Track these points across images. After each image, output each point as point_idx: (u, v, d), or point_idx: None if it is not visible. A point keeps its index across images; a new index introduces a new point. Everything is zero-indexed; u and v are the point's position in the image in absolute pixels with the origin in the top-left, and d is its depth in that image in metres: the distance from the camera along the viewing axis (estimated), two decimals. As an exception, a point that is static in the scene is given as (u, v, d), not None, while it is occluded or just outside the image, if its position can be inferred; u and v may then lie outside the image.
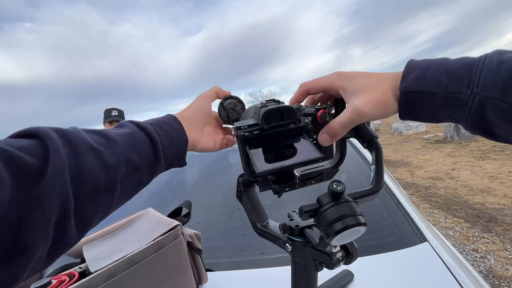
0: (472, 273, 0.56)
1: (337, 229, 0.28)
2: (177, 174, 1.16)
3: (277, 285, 0.52)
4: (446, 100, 0.27)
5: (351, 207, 0.29)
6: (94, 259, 0.43)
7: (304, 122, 0.33)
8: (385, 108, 0.30)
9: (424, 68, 0.29)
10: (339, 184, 0.30)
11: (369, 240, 0.63)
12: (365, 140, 0.34)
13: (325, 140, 0.33)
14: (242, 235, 0.70)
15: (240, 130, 0.32)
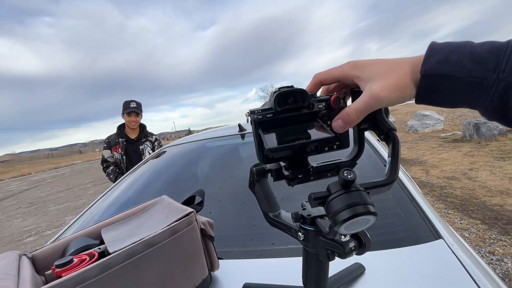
0: (488, 272, 0.55)
1: (345, 217, 0.28)
2: (189, 166, 1.18)
3: (288, 275, 0.52)
4: (469, 85, 0.26)
5: (361, 196, 0.29)
6: (112, 241, 0.44)
7: (318, 108, 0.33)
8: (403, 92, 0.30)
9: (447, 51, 0.28)
10: (350, 172, 0.29)
11: (382, 235, 0.62)
12: (382, 132, 0.33)
13: (340, 126, 0.32)
14: (253, 225, 0.71)
15: (254, 114, 0.32)
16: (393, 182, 0.32)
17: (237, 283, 0.52)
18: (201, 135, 1.50)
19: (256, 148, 0.34)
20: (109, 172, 2.33)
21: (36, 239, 4.37)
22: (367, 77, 0.31)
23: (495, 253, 2.05)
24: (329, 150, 0.34)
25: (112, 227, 0.51)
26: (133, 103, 2.40)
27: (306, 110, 0.32)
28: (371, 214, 0.28)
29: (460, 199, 3.08)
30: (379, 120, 0.33)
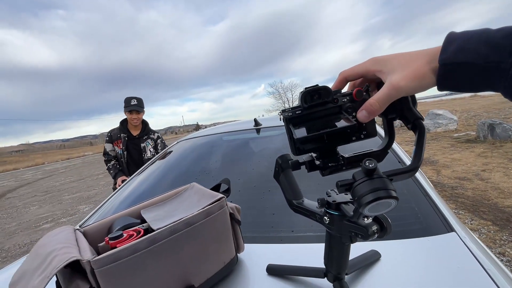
0: (499, 264, 0.57)
1: (369, 200, 0.31)
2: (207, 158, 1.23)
3: (308, 258, 0.57)
4: (486, 70, 0.28)
5: (383, 182, 0.32)
6: (153, 220, 0.50)
7: (342, 102, 0.36)
8: (421, 81, 0.32)
9: (464, 39, 0.30)
10: (371, 162, 0.33)
11: (397, 226, 0.65)
12: (409, 121, 0.36)
13: (364, 116, 0.35)
14: (273, 214, 0.75)
15: (285, 112, 0.36)
16: (417, 169, 0.35)
17: (260, 264, 0.57)
18: (218, 128, 1.55)
19: (289, 141, 0.38)
20: (109, 167, 2.37)
21: (52, 226, 4.56)
22: (388, 70, 0.34)
23: (505, 254, 2.05)
24: (357, 140, 0.37)
25: (150, 209, 0.56)
26: (133, 100, 2.39)
27: (331, 104, 0.36)
28: (393, 198, 0.32)
29: (472, 200, 3.05)
30: (406, 109, 0.36)
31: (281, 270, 0.54)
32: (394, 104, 0.35)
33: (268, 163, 1.01)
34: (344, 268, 0.46)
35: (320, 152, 0.38)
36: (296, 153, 0.38)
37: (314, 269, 0.50)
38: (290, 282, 0.52)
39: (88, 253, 0.40)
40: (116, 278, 0.38)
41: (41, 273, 0.36)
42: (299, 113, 0.36)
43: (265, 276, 0.54)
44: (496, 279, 0.49)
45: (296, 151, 0.37)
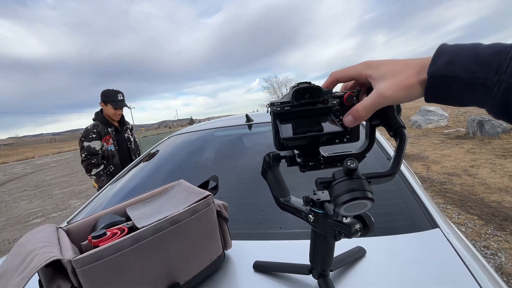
0: (480, 260, 0.59)
1: (345, 200, 0.32)
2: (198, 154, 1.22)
3: (295, 255, 0.57)
4: (472, 86, 0.28)
5: (360, 183, 0.33)
6: (138, 218, 0.49)
7: (332, 104, 0.36)
8: (408, 92, 0.32)
9: (454, 53, 0.30)
10: (353, 162, 0.33)
11: (383, 222, 0.66)
12: (392, 128, 0.37)
13: (349, 121, 0.35)
14: (262, 210, 0.75)
15: (273, 106, 0.36)
16: (394, 174, 0.36)
17: (247, 261, 0.57)
18: (209, 124, 1.53)
19: (273, 136, 0.38)
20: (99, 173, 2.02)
21: (42, 221, 4.50)
22: (378, 76, 0.34)
23: (489, 247, 2.12)
24: (340, 143, 0.38)
25: (136, 206, 0.55)
26: (120, 95, 2.19)
27: (320, 105, 0.36)
28: (368, 200, 0.32)
29: (459, 195, 3.13)
30: (390, 117, 0.37)
31: (267, 266, 0.54)
32: (379, 111, 0.35)
33: (259, 159, 1.01)
34: (329, 265, 0.47)
35: (303, 150, 0.39)
36: (279, 149, 0.38)
37: (299, 266, 0.51)
38: (276, 278, 0.52)
39: (69, 252, 0.39)
40: (98, 277, 0.38)
41: (20, 273, 0.35)
42: (287, 109, 0.36)
43: (252, 272, 0.54)
44: (476, 274, 0.50)
45: (280, 147, 0.38)
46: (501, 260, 1.95)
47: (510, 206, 2.72)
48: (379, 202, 0.77)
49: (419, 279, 0.50)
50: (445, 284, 0.48)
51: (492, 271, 0.60)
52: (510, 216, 2.52)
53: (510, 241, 2.16)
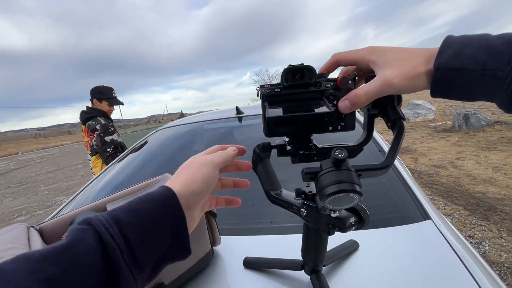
0: (472, 251, 0.59)
1: (330, 192, 0.29)
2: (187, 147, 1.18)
3: (286, 250, 0.55)
4: (483, 78, 0.27)
5: (349, 175, 0.30)
6: (119, 215, 0.46)
7: (325, 87, 0.33)
8: (415, 82, 0.30)
9: (462, 44, 0.28)
10: (341, 152, 0.31)
11: (375, 214, 0.65)
12: (390, 119, 0.34)
13: (345, 106, 0.32)
14: (252, 205, 0.73)
15: (263, 88, 0.33)
16: (387, 167, 0.33)
17: (237, 257, 0.55)
18: (198, 117, 1.49)
19: (263, 120, 0.35)
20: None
21: (27, 218, 4.36)
22: (383, 63, 0.32)
23: (474, 237, 2.18)
24: (333, 130, 0.35)
25: (117, 202, 0.52)
26: (114, 92, 2.23)
27: (313, 88, 0.33)
28: (355, 193, 0.30)
29: (446, 187, 3.21)
30: (390, 107, 0.34)
31: (258, 263, 0.52)
32: (379, 100, 0.33)
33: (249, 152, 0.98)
34: (321, 261, 0.45)
35: (293, 137, 0.36)
36: (267, 134, 0.35)
37: (291, 262, 0.49)
38: (267, 275, 0.50)
39: (39, 254, 0.36)
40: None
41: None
42: (277, 91, 0.34)
43: (241, 269, 0.52)
44: (468, 266, 0.50)
45: (268, 132, 0.35)
46: (485, 249, 2.02)
47: (494, 196, 2.81)
48: (371, 194, 0.76)
49: (413, 271, 0.49)
50: (439, 275, 0.48)
51: (484, 262, 0.60)
52: (493, 206, 2.60)
53: (493, 230, 2.23)
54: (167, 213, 0.26)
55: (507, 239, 2.09)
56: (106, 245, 0.23)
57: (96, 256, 0.22)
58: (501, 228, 2.25)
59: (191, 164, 0.33)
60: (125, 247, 0.23)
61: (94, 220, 0.24)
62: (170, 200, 0.27)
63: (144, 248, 0.24)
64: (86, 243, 0.22)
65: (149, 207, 0.26)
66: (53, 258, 0.21)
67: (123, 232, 0.24)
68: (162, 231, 0.26)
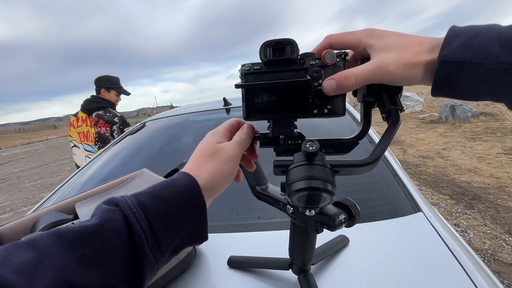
0: (462, 243, 0.58)
1: (297, 188, 0.26)
2: (172, 140, 1.14)
3: (274, 247, 0.52)
4: (494, 73, 0.23)
5: (322, 171, 0.27)
6: (86, 215, 0.41)
7: (310, 64, 0.30)
8: (412, 72, 0.27)
9: (470, 34, 0.25)
10: (313, 144, 0.27)
11: (366, 208, 0.63)
12: (385, 109, 0.31)
13: (330, 87, 0.28)
14: (239, 200, 0.70)
15: (244, 66, 0.30)
16: (371, 164, 0.29)
17: (222, 256, 0.52)
18: (184, 109, 1.43)
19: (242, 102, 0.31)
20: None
21: (11, 216, 4.21)
22: (381, 47, 0.28)
23: (460, 225, 2.24)
24: (319, 114, 0.31)
25: (88, 201, 0.47)
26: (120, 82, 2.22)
27: (296, 65, 0.30)
28: (326, 192, 0.26)
29: (433, 177, 3.28)
30: (387, 94, 0.30)
31: (243, 262, 0.49)
32: (374, 86, 0.30)
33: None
34: (310, 259, 0.42)
35: (274, 121, 0.32)
36: (245, 116, 0.31)
37: (278, 261, 0.46)
38: (253, 275, 0.47)
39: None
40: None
41: None
42: (257, 68, 0.30)
43: (226, 269, 0.49)
44: (459, 258, 0.49)
45: (246, 114, 0.31)
46: (470, 237, 2.08)
47: (478, 186, 2.89)
48: (361, 186, 0.74)
49: (405, 266, 0.47)
50: (430, 269, 0.47)
51: (474, 253, 0.59)
52: (478, 195, 2.67)
53: (478, 218, 2.30)
54: (191, 202, 0.27)
55: (490, 227, 2.15)
56: (133, 230, 0.23)
57: (124, 239, 0.23)
58: (485, 216, 2.32)
59: (217, 154, 0.32)
60: (150, 232, 0.24)
61: (122, 202, 0.24)
62: (194, 189, 0.28)
63: (167, 234, 0.25)
64: (114, 225, 0.23)
65: (173, 194, 0.27)
66: (85, 239, 0.22)
67: (148, 217, 0.24)
68: (184, 219, 0.27)
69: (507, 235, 2.02)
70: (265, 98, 0.30)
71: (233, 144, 0.33)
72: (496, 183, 2.88)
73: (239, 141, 0.33)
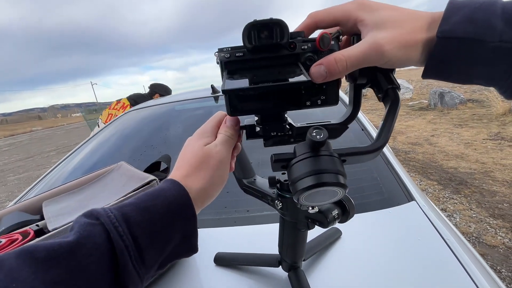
0: (454, 231, 0.57)
1: (305, 186, 0.23)
2: (158, 130, 1.08)
3: (263, 242, 0.50)
4: (496, 52, 0.21)
5: (330, 162, 0.24)
6: (54, 215, 0.37)
7: (301, 49, 0.26)
8: (409, 53, 0.23)
9: (472, 8, 0.22)
10: (320, 132, 0.24)
11: (359, 198, 0.61)
12: (382, 89, 0.27)
13: (319, 74, 0.25)
14: (227, 192, 0.66)
15: (222, 51, 0.25)
16: (380, 149, 0.27)
17: (209, 253, 0.49)
18: (170, 97, 1.37)
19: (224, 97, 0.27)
20: None
21: (-5, 211, 4.08)
22: (374, 22, 0.24)
23: (446, 210, 2.30)
24: (312, 106, 0.27)
25: (57, 199, 0.43)
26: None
27: (285, 50, 0.26)
28: (339, 186, 0.23)
29: (421, 163, 3.34)
30: (382, 73, 0.27)
31: (230, 259, 0.46)
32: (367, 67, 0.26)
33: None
34: (300, 256, 0.40)
35: (262, 115, 0.28)
36: (230, 113, 0.27)
37: (267, 257, 0.44)
38: (241, 272, 0.45)
39: None
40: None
41: None
42: (239, 55, 0.25)
43: (212, 267, 0.46)
44: (452, 247, 0.48)
45: (231, 110, 0.27)
46: (456, 221, 2.13)
47: (465, 171, 2.97)
48: (354, 176, 0.72)
49: (398, 257, 0.46)
50: (424, 259, 0.46)
51: (466, 242, 0.58)
52: (464, 180, 2.74)
53: (464, 203, 2.36)
54: (180, 213, 0.25)
55: (475, 211, 2.22)
56: (115, 246, 0.21)
57: (104, 257, 0.21)
58: (471, 200, 2.38)
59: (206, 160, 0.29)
60: (133, 248, 0.22)
61: (103, 215, 0.22)
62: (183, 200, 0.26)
63: (153, 248, 0.23)
64: (94, 242, 0.21)
65: (161, 205, 0.24)
66: (59, 258, 0.19)
67: (132, 231, 0.22)
68: (173, 231, 0.25)
69: (491, 218, 2.09)
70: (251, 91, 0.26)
71: (220, 144, 0.30)
72: (481, 168, 2.95)
73: (226, 139, 0.30)
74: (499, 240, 1.83)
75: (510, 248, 1.74)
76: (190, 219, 0.26)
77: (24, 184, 5.45)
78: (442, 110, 6.01)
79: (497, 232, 1.92)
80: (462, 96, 6.06)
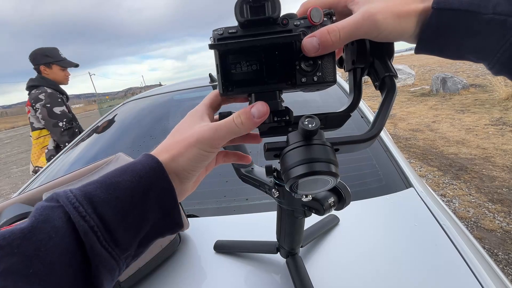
0: (452, 217, 0.58)
1: (297, 174, 0.23)
2: (156, 121, 1.08)
3: (262, 230, 0.51)
4: (489, 24, 0.21)
5: (322, 151, 0.24)
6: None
7: (294, 25, 0.25)
8: (402, 24, 0.23)
9: None
10: (312, 121, 0.23)
11: (357, 185, 0.61)
12: (379, 76, 0.27)
13: (312, 46, 0.24)
14: (226, 181, 0.67)
15: (216, 30, 0.25)
16: (373, 138, 0.26)
17: (209, 241, 0.50)
18: (168, 87, 1.36)
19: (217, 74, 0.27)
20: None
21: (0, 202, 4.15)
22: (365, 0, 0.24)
23: (446, 195, 2.32)
24: (307, 83, 0.26)
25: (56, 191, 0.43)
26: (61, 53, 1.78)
27: (278, 27, 0.25)
28: (330, 175, 0.23)
29: (422, 149, 3.34)
30: (379, 60, 0.27)
31: (230, 246, 0.47)
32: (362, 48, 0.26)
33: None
34: (298, 243, 0.40)
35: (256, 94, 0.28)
36: (222, 91, 0.26)
37: (265, 244, 0.44)
38: (240, 259, 0.46)
39: None
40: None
41: None
42: (232, 32, 0.25)
43: (212, 254, 0.47)
44: (449, 233, 0.48)
45: (223, 88, 0.26)
46: (455, 206, 2.16)
47: (465, 157, 2.97)
48: (353, 163, 0.73)
49: (396, 244, 0.47)
50: (421, 246, 0.46)
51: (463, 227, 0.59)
52: (464, 166, 2.75)
53: (463, 188, 2.38)
54: (153, 185, 0.23)
55: (475, 196, 2.24)
56: (77, 227, 0.20)
57: (65, 240, 0.19)
58: (470, 186, 2.40)
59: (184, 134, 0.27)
60: (101, 227, 0.20)
61: (62, 197, 0.21)
62: (156, 171, 0.23)
63: (126, 227, 0.22)
64: (52, 225, 0.19)
65: (130, 179, 0.22)
66: (11, 245, 0.18)
67: (99, 211, 0.21)
68: (147, 206, 0.23)
69: (490, 203, 2.11)
70: (244, 67, 0.26)
71: (208, 128, 0.26)
72: (482, 154, 2.95)
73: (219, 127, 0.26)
74: (497, 224, 1.85)
75: (508, 232, 1.77)
76: (167, 191, 0.24)
77: (27, 176, 5.51)
78: (444, 95, 5.95)
79: (495, 217, 1.94)
80: (464, 81, 5.97)
